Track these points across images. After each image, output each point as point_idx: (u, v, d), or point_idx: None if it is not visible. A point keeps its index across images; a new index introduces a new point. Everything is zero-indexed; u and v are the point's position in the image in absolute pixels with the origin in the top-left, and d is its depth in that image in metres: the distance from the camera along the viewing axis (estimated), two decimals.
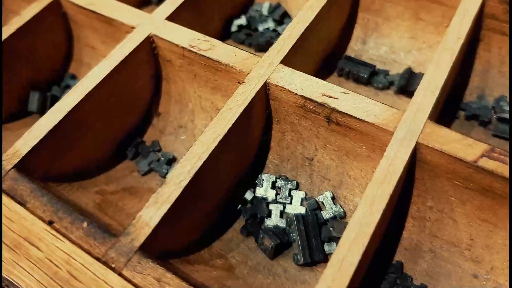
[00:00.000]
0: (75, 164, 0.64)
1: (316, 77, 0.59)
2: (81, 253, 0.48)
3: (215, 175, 0.57)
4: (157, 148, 0.70)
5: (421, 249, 0.56)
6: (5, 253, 0.49)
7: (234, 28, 0.84)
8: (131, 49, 0.64)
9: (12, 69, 0.73)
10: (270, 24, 0.83)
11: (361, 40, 0.78)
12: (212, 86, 0.66)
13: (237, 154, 0.61)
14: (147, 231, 0.49)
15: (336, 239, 0.58)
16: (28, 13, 0.72)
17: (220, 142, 0.54)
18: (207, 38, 0.64)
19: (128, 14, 0.69)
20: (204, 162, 0.53)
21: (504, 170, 0.49)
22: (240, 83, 0.59)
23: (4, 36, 0.69)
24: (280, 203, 0.62)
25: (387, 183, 0.49)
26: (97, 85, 0.61)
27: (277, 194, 0.63)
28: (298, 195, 0.62)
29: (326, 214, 0.60)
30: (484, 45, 0.69)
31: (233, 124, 0.56)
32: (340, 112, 0.56)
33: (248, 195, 0.63)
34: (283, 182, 0.63)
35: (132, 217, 0.51)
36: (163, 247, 0.52)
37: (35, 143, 0.57)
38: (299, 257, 0.57)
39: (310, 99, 0.57)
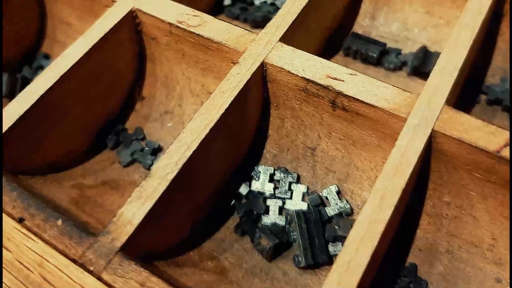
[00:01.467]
0: (49, 154, 0.64)
1: (319, 56, 0.58)
2: (55, 254, 0.48)
3: (206, 166, 0.57)
4: (141, 136, 0.70)
5: (437, 250, 0.56)
6: None
7: (227, 1, 0.84)
8: (111, 25, 0.64)
9: None
10: None
11: (370, 16, 0.78)
12: (202, 67, 0.66)
13: (230, 143, 0.60)
14: (129, 229, 0.49)
15: (342, 239, 0.58)
16: None
17: (212, 129, 0.54)
18: (197, 13, 0.64)
19: None
20: (194, 152, 0.53)
21: None
22: (234, 64, 0.59)
23: None
24: (279, 198, 0.62)
25: (399, 175, 0.49)
26: (73, 65, 0.61)
27: (275, 188, 0.63)
28: (299, 189, 0.62)
29: (330, 211, 0.60)
30: (508, 21, 0.69)
31: (226, 110, 0.55)
32: (346, 96, 0.55)
33: (243, 189, 0.63)
34: (282, 174, 0.63)
35: (112, 214, 0.50)
36: (148, 247, 0.52)
37: (4, 130, 0.56)
38: (300, 259, 0.57)
39: (312, 81, 0.57)
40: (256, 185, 0.63)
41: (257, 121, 0.64)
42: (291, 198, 0.62)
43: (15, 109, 0.57)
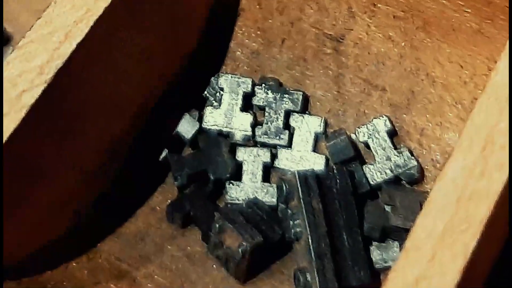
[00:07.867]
0: None
1: None
2: None
3: (107, 79, 0.55)
4: None
5: None
6: None
7: None
8: None
9: None
10: None
11: None
12: None
13: (159, 28, 0.58)
14: None
15: (399, 234, 0.56)
16: None
17: None
18: None
19: None
20: (79, 45, 0.51)
21: None
22: None
23: None
24: (263, 145, 0.60)
25: None
26: None
27: (256, 124, 0.60)
28: (307, 125, 0.60)
29: (375, 174, 0.59)
30: None
31: None
32: None
33: (186, 128, 0.61)
34: (271, 94, 0.61)
35: None
36: None
37: None
38: (308, 279, 0.54)
39: None
40: (214, 118, 0.61)
41: None
42: (290, 146, 0.60)
43: None
